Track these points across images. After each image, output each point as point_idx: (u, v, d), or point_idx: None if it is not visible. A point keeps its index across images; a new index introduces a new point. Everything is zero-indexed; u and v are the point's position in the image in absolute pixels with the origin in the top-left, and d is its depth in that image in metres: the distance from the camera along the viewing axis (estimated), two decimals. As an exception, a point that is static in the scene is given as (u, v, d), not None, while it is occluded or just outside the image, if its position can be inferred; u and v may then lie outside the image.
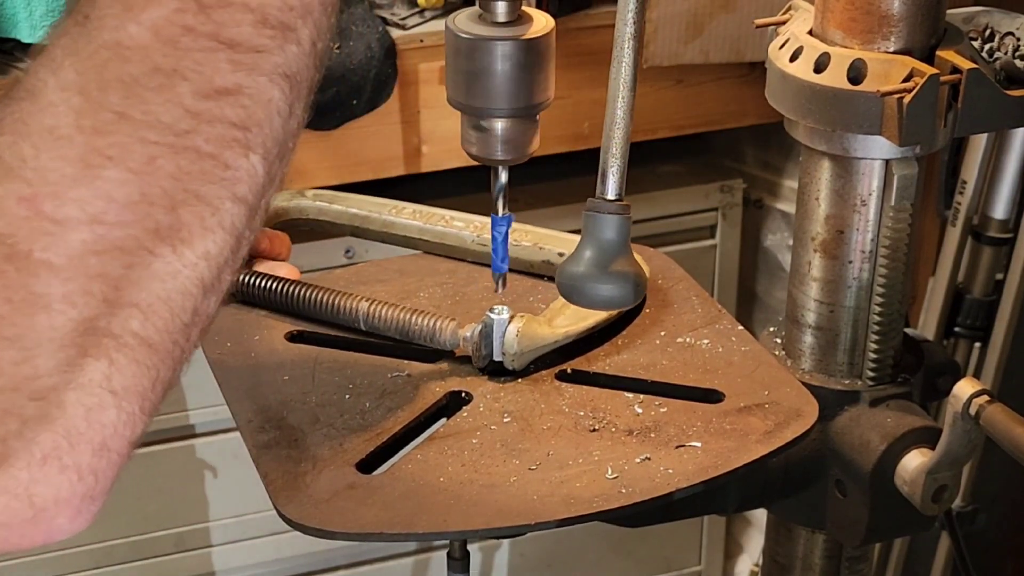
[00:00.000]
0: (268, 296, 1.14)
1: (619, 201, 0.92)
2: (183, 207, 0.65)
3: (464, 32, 0.96)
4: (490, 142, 0.99)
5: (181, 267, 0.65)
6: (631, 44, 0.90)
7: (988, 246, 1.94)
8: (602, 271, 0.92)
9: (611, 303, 0.94)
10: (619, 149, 0.91)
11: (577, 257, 0.93)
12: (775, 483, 1.19)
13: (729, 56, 1.94)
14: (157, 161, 0.64)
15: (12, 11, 1.65)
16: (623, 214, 0.92)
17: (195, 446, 2.04)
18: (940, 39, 1.10)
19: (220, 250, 0.66)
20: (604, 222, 0.92)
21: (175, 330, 0.67)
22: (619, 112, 0.91)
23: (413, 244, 1.26)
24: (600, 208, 0.92)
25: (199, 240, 0.66)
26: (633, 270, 0.92)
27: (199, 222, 0.65)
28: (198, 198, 0.65)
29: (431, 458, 0.98)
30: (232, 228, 0.67)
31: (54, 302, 0.63)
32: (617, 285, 0.92)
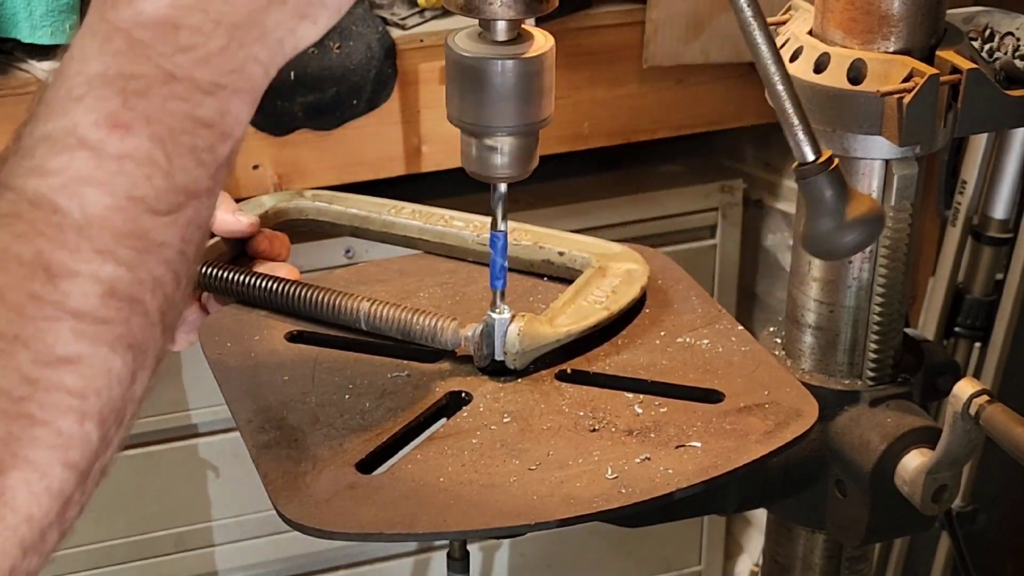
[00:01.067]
0: (268, 296, 1.14)
1: (819, 158, 0.93)
2: (11, 471, 0.65)
3: (464, 51, 0.97)
4: (490, 160, 1.00)
5: (2, 528, 0.65)
6: (758, 23, 0.91)
7: (988, 246, 1.94)
8: (842, 222, 0.94)
9: (868, 242, 0.96)
10: (796, 117, 0.92)
11: (814, 222, 0.95)
12: (775, 483, 1.19)
13: (729, 56, 1.94)
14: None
15: (12, 11, 1.65)
16: (830, 166, 0.94)
17: (197, 446, 2.04)
18: (940, 39, 1.10)
19: (45, 514, 0.67)
20: (820, 183, 0.93)
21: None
22: (779, 88, 0.92)
23: (413, 244, 1.26)
24: (809, 172, 0.94)
25: (23, 504, 0.66)
26: (867, 207, 0.95)
27: (26, 487, 0.66)
28: (27, 463, 0.66)
29: (431, 458, 0.98)
30: (60, 493, 0.67)
31: None
32: (864, 227, 0.94)
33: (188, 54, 0.70)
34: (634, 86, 1.97)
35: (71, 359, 0.67)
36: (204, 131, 0.71)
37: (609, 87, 1.96)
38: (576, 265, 1.19)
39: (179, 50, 0.70)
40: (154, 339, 0.70)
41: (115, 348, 0.68)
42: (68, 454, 0.67)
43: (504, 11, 0.94)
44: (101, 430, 0.68)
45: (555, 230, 1.23)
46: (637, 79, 1.96)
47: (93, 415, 0.68)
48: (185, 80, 0.70)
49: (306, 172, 1.83)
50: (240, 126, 0.73)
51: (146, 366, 0.70)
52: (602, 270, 1.17)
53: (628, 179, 2.23)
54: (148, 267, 0.69)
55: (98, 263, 0.67)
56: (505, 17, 0.95)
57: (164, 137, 0.69)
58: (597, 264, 1.18)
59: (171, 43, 0.69)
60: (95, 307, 0.67)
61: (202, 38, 0.70)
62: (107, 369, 0.68)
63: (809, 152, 0.93)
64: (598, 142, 2.01)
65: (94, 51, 0.70)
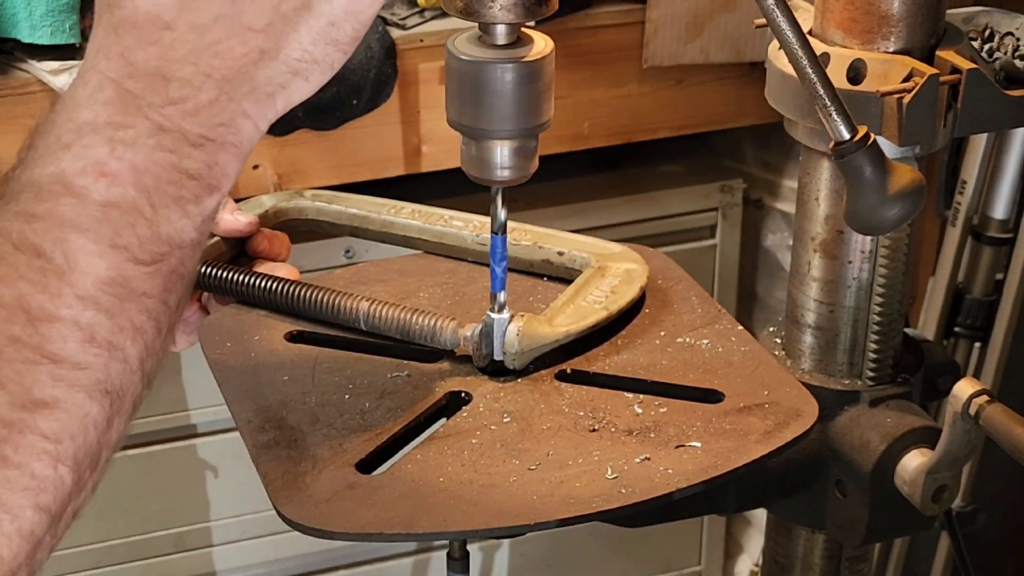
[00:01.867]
0: (267, 296, 1.14)
1: (855, 136, 0.94)
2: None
3: (464, 55, 0.97)
4: (490, 163, 1.00)
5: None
6: (782, 10, 0.92)
7: (988, 246, 1.94)
8: (885, 197, 0.95)
9: (912, 213, 0.97)
10: (828, 98, 0.93)
11: (857, 199, 0.96)
12: (775, 483, 1.19)
13: (729, 56, 1.94)
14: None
15: (12, 11, 1.65)
16: (866, 142, 0.94)
17: (196, 446, 2.04)
18: (940, 39, 1.10)
19: (14, 555, 0.67)
20: (859, 160, 0.94)
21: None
22: (808, 71, 0.93)
23: (412, 244, 1.26)
24: (847, 151, 0.94)
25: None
26: (908, 179, 0.95)
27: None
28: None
29: (431, 458, 0.98)
30: (30, 535, 0.68)
31: None
32: (906, 199, 0.95)
33: (177, 106, 0.71)
34: (634, 86, 1.97)
35: (48, 403, 0.67)
36: (190, 183, 0.71)
37: (609, 87, 1.96)
38: (576, 265, 1.19)
39: (168, 102, 0.70)
40: (132, 386, 0.71)
41: (92, 394, 0.69)
42: (40, 497, 0.68)
43: (504, 15, 0.94)
44: (75, 474, 0.69)
45: (555, 230, 1.23)
46: (637, 79, 1.96)
47: (67, 459, 0.68)
48: (173, 132, 0.71)
49: (306, 172, 1.83)
50: (227, 179, 0.73)
51: (123, 412, 0.71)
52: (601, 270, 1.17)
53: (628, 179, 2.23)
54: (129, 315, 0.70)
55: (79, 308, 0.68)
56: (505, 21, 0.95)
57: (150, 187, 0.70)
58: (596, 264, 1.18)
59: (160, 95, 0.70)
60: (74, 352, 0.68)
61: (191, 91, 0.71)
62: (83, 414, 0.69)
63: (845, 131, 0.94)
64: (598, 142, 2.01)
65: (84, 99, 0.71)
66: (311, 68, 0.74)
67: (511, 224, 1.20)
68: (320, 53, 0.74)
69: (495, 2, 0.94)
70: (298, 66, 0.74)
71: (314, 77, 0.75)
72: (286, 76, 0.74)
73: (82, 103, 0.71)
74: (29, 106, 1.69)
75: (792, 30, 0.93)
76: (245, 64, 0.72)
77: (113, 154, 0.69)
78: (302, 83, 0.75)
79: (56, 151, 0.70)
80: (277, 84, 0.74)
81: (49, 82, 1.67)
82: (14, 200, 0.70)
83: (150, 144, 0.70)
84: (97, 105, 0.70)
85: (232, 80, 0.72)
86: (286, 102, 0.75)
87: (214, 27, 0.71)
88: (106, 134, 0.70)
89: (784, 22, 0.93)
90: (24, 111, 1.68)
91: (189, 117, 0.71)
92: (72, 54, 1.70)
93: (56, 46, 1.67)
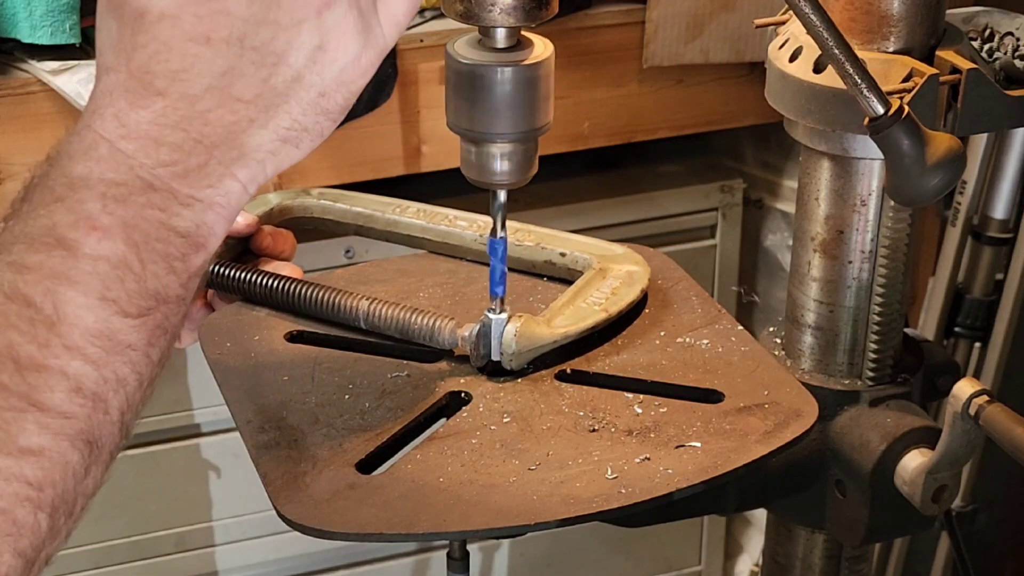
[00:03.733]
0: (268, 293, 1.14)
1: (889, 110, 0.94)
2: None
3: (464, 58, 0.97)
4: (490, 166, 1.00)
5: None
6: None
7: (988, 246, 1.94)
8: (924, 168, 0.95)
9: (954, 181, 0.97)
10: (858, 76, 0.94)
11: (897, 173, 0.96)
12: (775, 483, 1.19)
13: (729, 56, 1.94)
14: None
15: (12, 11, 1.65)
16: (900, 116, 0.95)
17: (198, 446, 2.04)
18: (940, 39, 1.10)
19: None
20: (895, 134, 0.95)
21: None
22: (836, 52, 0.93)
23: (416, 243, 1.26)
24: (882, 126, 0.95)
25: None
26: (946, 147, 0.96)
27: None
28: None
29: (431, 458, 0.98)
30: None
31: None
32: (946, 168, 0.95)
33: (168, 168, 0.73)
34: (634, 86, 1.97)
35: (33, 451, 0.69)
36: (178, 240, 0.73)
37: (609, 87, 1.96)
38: (578, 266, 1.19)
39: (159, 164, 0.73)
40: (111, 436, 0.73)
41: (75, 443, 0.70)
42: (19, 543, 0.69)
43: (504, 18, 0.94)
44: (51, 521, 0.70)
45: (557, 231, 1.23)
46: (637, 79, 1.96)
47: (46, 506, 0.70)
48: (163, 191, 0.73)
49: (306, 172, 1.83)
50: (214, 238, 0.75)
51: (100, 461, 0.72)
52: (603, 271, 1.17)
53: (628, 179, 2.23)
54: (113, 367, 0.72)
55: (66, 359, 0.70)
56: (505, 24, 0.95)
57: (139, 243, 0.72)
58: (598, 266, 1.18)
59: (152, 156, 0.72)
60: (61, 401, 0.70)
61: (182, 155, 0.73)
62: (65, 462, 0.70)
63: (879, 106, 0.94)
64: (598, 142, 2.01)
65: (79, 154, 0.73)
66: (301, 136, 0.76)
67: (515, 225, 1.21)
68: (310, 122, 0.76)
69: (495, 6, 0.94)
70: (288, 134, 0.76)
71: (304, 144, 0.77)
72: (276, 144, 0.76)
73: (76, 158, 0.73)
74: (29, 106, 1.68)
75: (815, 12, 0.93)
76: (235, 132, 0.74)
77: (105, 209, 0.71)
78: (292, 149, 0.77)
79: (49, 204, 0.72)
80: (266, 151, 0.76)
81: (49, 82, 1.67)
82: (6, 251, 0.71)
83: (141, 202, 0.72)
84: (91, 161, 0.72)
85: (221, 146, 0.74)
86: (276, 167, 0.77)
87: (204, 97, 0.73)
88: (98, 190, 0.72)
89: (807, 5, 0.93)
90: (24, 111, 1.68)
91: (179, 179, 0.73)
92: (72, 54, 1.69)
93: (56, 46, 1.67)
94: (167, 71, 0.72)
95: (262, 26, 0.73)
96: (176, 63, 0.72)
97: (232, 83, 0.73)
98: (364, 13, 0.76)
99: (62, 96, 1.66)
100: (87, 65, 1.69)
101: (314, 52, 0.75)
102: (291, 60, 0.74)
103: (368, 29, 0.76)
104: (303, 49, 0.74)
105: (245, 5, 0.72)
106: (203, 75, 0.73)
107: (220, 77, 0.73)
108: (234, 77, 0.73)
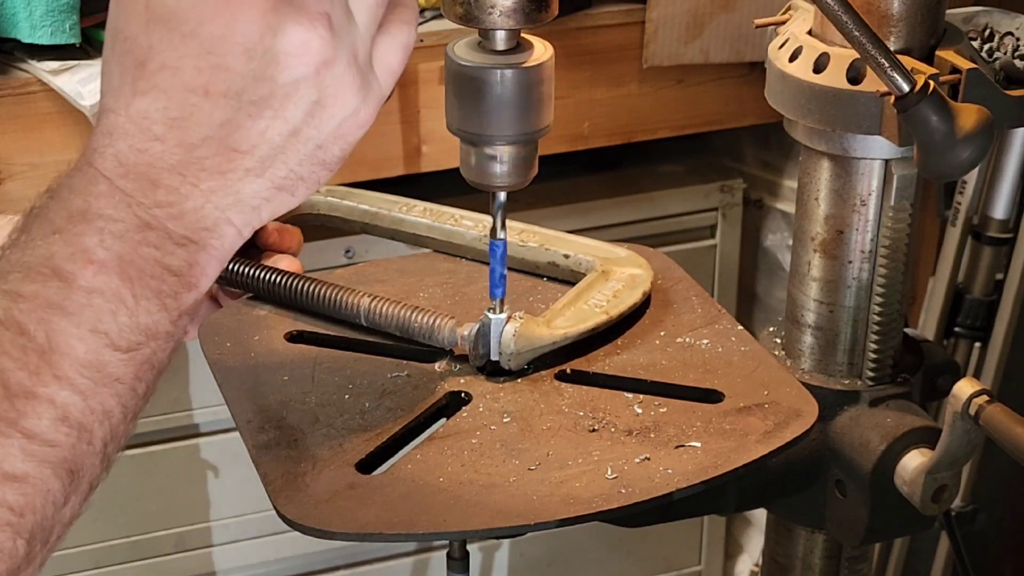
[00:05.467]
0: (271, 288, 1.14)
1: (914, 88, 0.94)
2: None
3: (464, 60, 0.97)
4: (490, 169, 1.00)
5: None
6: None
7: (988, 246, 1.94)
8: (955, 141, 0.95)
9: (985, 152, 0.97)
10: (881, 56, 0.94)
11: (927, 149, 0.96)
12: (775, 483, 1.19)
13: (729, 56, 1.94)
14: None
15: (12, 11, 1.65)
16: (927, 91, 0.95)
17: (198, 445, 2.04)
18: (940, 39, 1.10)
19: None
20: (922, 110, 0.95)
21: None
22: (856, 34, 0.93)
23: (421, 242, 1.26)
24: (909, 103, 0.95)
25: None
26: (974, 118, 0.96)
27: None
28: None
29: (431, 458, 0.98)
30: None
31: None
32: (976, 140, 0.96)
33: (164, 209, 0.74)
34: (634, 86, 1.97)
35: (17, 477, 0.70)
36: (171, 279, 0.75)
37: (609, 87, 1.96)
38: (581, 268, 1.19)
39: (156, 204, 0.74)
40: (93, 467, 0.74)
41: (57, 471, 0.71)
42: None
43: (503, 21, 0.94)
44: (28, 547, 0.71)
45: (562, 232, 1.23)
46: (637, 79, 1.96)
47: (25, 532, 0.70)
48: (159, 230, 0.74)
49: (306, 172, 1.83)
50: (206, 279, 0.77)
51: (79, 491, 0.74)
52: (605, 274, 1.17)
53: (628, 179, 2.23)
54: (100, 398, 0.73)
55: (55, 387, 0.71)
56: (504, 27, 0.95)
57: (133, 278, 0.73)
58: (601, 268, 1.18)
59: (149, 197, 0.74)
60: (46, 429, 0.71)
61: (178, 197, 0.74)
62: (46, 490, 0.71)
63: (904, 83, 0.94)
64: (598, 142, 2.01)
65: (79, 189, 0.74)
66: (297, 184, 0.78)
67: (519, 225, 1.21)
68: (307, 172, 0.78)
69: (494, 8, 0.94)
70: (284, 183, 0.78)
71: (300, 192, 0.79)
72: (271, 192, 0.78)
73: (76, 192, 0.74)
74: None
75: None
76: (231, 180, 0.76)
77: (102, 244, 0.73)
78: (288, 197, 0.79)
79: (48, 235, 0.73)
80: (262, 198, 0.77)
81: (49, 82, 1.67)
82: (3, 278, 0.73)
83: (137, 239, 0.74)
84: (90, 196, 0.74)
85: (217, 192, 0.75)
86: (271, 213, 0.79)
87: (201, 146, 0.74)
88: (96, 224, 0.73)
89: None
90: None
91: (175, 219, 0.75)
92: (72, 54, 1.69)
93: (56, 46, 1.67)
94: (166, 118, 0.74)
95: (260, 82, 0.74)
96: (175, 112, 0.74)
97: (229, 134, 0.75)
98: (362, 69, 0.77)
99: (62, 96, 1.66)
100: (87, 65, 1.69)
101: (312, 107, 0.76)
102: (288, 115, 0.75)
103: (367, 84, 0.78)
104: (301, 104, 0.75)
105: (244, 61, 0.73)
106: (201, 125, 0.74)
107: (217, 128, 0.74)
108: (231, 129, 0.74)
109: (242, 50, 0.73)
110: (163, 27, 0.73)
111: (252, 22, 0.73)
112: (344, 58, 0.76)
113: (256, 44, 0.73)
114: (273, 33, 0.73)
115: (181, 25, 0.73)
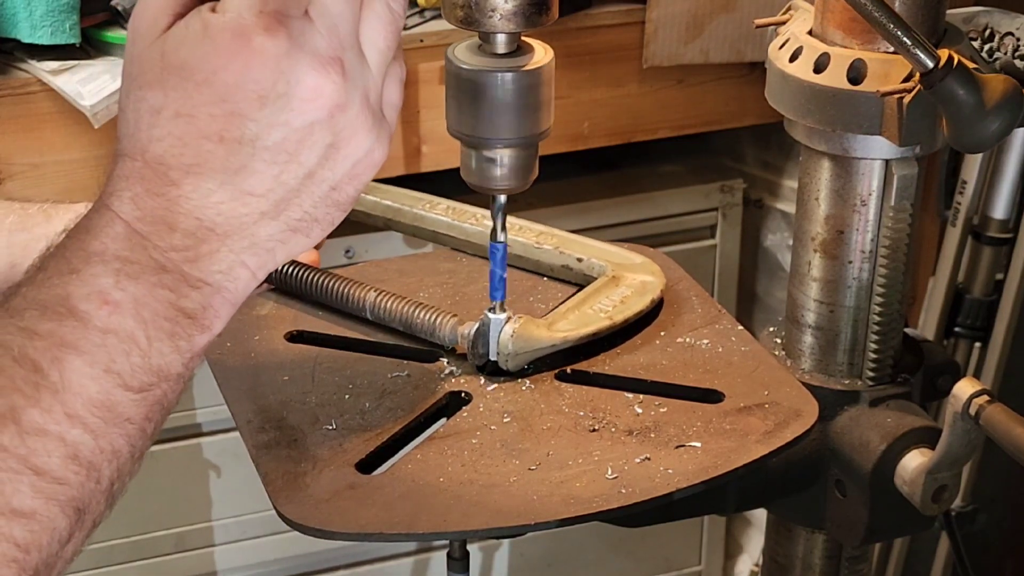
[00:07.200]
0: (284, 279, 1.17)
1: (938, 64, 0.95)
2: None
3: (464, 63, 0.97)
4: (490, 172, 1.00)
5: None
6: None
7: (988, 246, 1.94)
8: (984, 112, 0.96)
9: (1014, 122, 0.97)
10: (904, 35, 0.95)
11: (956, 122, 0.96)
12: (775, 483, 1.19)
13: (729, 56, 1.94)
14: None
15: (12, 11, 1.65)
16: (952, 66, 0.95)
17: (200, 445, 2.04)
18: (940, 39, 1.10)
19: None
20: (949, 85, 0.95)
21: None
22: (876, 14, 0.94)
23: (441, 240, 1.27)
24: (935, 79, 0.95)
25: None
26: (1001, 89, 0.96)
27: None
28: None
29: (431, 458, 0.98)
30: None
31: None
32: (1004, 110, 0.96)
33: (180, 252, 0.75)
34: (634, 86, 1.97)
35: (25, 513, 0.70)
36: (185, 321, 0.76)
37: (609, 87, 1.96)
38: (593, 273, 1.19)
39: (172, 248, 0.75)
40: (98, 505, 0.75)
41: (65, 509, 0.72)
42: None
43: (504, 24, 0.94)
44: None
45: (579, 236, 1.23)
46: (637, 79, 1.96)
47: (30, 569, 0.71)
48: (174, 272, 0.75)
49: (306, 172, 1.83)
50: (219, 321, 0.78)
51: (83, 528, 0.74)
52: (616, 279, 1.17)
53: (628, 179, 2.23)
54: (110, 438, 0.74)
55: (67, 426, 0.72)
56: (505, 30, 0.95)
57: (147, 320, 0.74)
58: (612, 273, 1.17)
59: (165, 240, 0.75)
60: (56, 467, 0.72)
61: (194, 241, 0.75)
62: (53, 528, 0.72)
63: (928, 60, 0.95)
64: (598, 142, 2.01)
65: (97, 230, 0.75)
66: (312, 226, 0.79)
67: (537, 227, 1.22)
68: (321, 214, 0.79)
69: (495, 12, 0.94)
70: (298, 225, 0.78)
71: (315, 234, 0.79)
72: (286, 234, 0.78)
73: (94, 233, 0.75)
74: (29, 106, 1.68)
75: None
76: (246, 223, 0.76)
77: (117, 285, 0.74)
78: (302, 239, 0.79)
79: (64, 274, 0.74)
80: (277, 241, 0.78)
81: (49, 82, 1.67)
82: (19, 315, 0.73)
83: (152, 281, 0.74)
84: (107, 238, 0.74)
85: (232, 235, 0.76)
86: (286, 255, 0.79)
87: (217, 191, 0.75)
88: (113, 266, 0.74)
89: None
90: (24, 111, 1.68)
91: (190, 262, 0.75)
92: (72, 54, 1.70)
93: (56, 46, 1.67)
94: (181, 164, 0.75)
95: (274, 127, 0.75)
96: (190, 158, 0.74)
97: (244, 179, 0.75)
98: (374, 110, 0.78)
99: (62, 96, 1.66)
100: (87, 65, 1.69)
101: (327, 150, 0.77)
102: (303, 159, 0.76)
103: (379, 124, 0.79)
104: (315, 148, 0.76)
105: (257, 107, 0.74)
106: (216, 171, 0.75)
107: (233, 174, 0.75)
108: (247, 174, 0.75)
109: (256, 97, 0.74)
110: (177, 75, 0.74)
111: (265, 69, 0.73)
112: (357, 101, 0.77)
113: (269, 91, 0.74)
114: (286, 79, 0.74)
115: (195, 74, 0.73)
